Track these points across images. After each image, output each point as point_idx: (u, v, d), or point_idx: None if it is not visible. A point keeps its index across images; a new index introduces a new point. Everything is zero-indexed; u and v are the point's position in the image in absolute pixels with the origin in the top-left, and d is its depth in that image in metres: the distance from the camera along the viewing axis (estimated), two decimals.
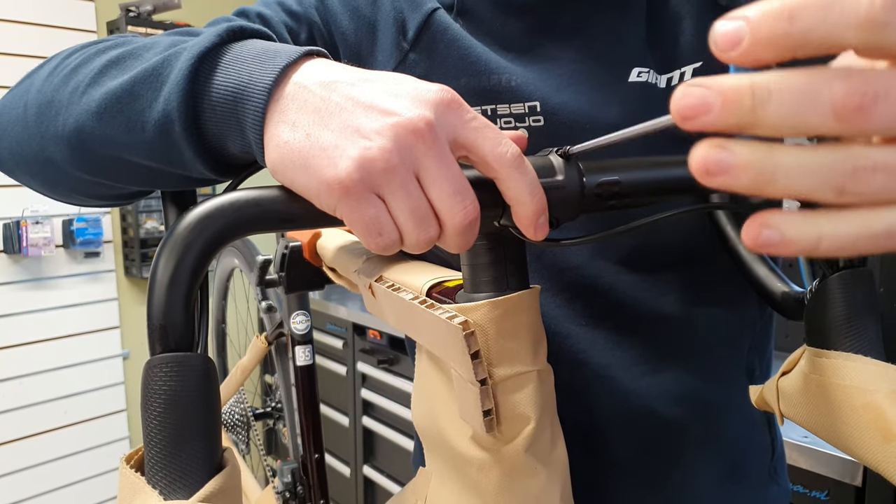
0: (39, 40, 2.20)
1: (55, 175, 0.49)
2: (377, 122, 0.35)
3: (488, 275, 0.43)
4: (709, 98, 0.21)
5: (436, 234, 0.36)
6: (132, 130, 0.41)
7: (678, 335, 0.59)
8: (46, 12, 2.24)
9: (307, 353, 1.04)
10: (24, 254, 2.20)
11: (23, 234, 2.19)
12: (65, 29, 2.28)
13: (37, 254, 2.22)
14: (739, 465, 0.62)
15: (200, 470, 0.34)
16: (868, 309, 0.40)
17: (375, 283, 0.55)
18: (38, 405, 2.30)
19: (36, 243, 2.21)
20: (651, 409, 0.58)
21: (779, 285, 0.49)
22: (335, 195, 0.34)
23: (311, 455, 1.06)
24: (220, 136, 0.40)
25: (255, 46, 0.40)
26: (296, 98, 0.37)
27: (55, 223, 2.29)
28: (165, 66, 0.40)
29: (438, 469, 0.51)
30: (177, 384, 0.34)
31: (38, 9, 2.22)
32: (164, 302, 0.34)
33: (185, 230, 0.35)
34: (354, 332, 2.22)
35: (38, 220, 2.22)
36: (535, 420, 0.42)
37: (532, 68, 0.57)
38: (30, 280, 2.26)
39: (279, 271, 0.84)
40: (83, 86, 0.44)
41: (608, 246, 0.58)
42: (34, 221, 2.21)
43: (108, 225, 2.42)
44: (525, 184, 0.37)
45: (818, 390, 0.40)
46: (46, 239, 2.23)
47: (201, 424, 0.35)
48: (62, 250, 2.33)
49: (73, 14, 2.31)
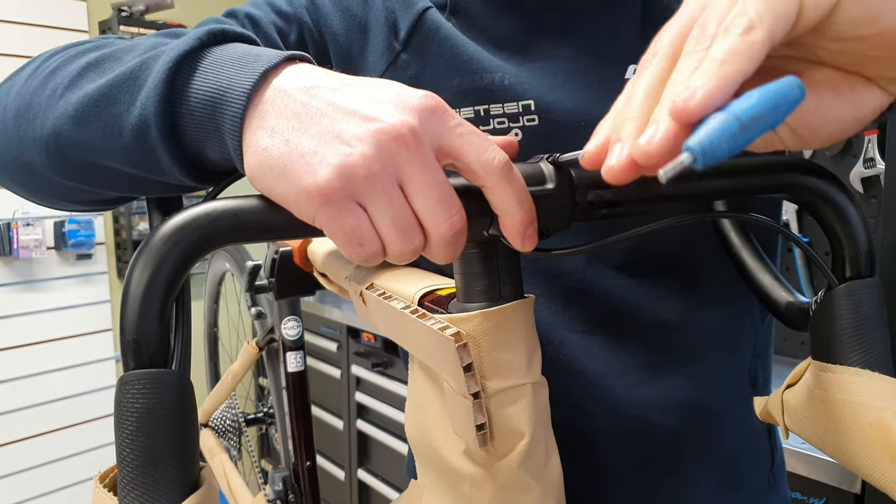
0: (31, 40, 2.19)
1: (35, 180, 0.48)
2: (359, 128, 0.33)
3: (481, 284, 0.42)
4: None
5: (420, 244, 0.35)
6: (109, 135, 0.40)
7: (676, 342, 0.58)
8: (38, 12, 2.24)
9: (299, 359, 1.03)
10: (15, 256, 2.19)
11: (13, 235, 2.18)
12: (56, 29, 2.27)
13: (28, 256, 2.21)
14: (738, 475, 0.62)
15: (173, 490, 0.33)
16: (876, 321, 0.38)
17: (366, 290, 0.54)
18: (29, 409, 2.28)
19: (27, 245, 2.20)
20: (647, 418, 0.57)
21: (783, 295, 0.48)
22: (314, 203, 0.33)
23: (303, 462, 1.05)
24: (199, 143, 0.38)
25: (237, 50, 0.38)
26: (276, 103, 0.35)
27: (46, 225, 2.27)
28: (143, 70, 0.39)
29: (431, 483, 0.50)
30: (149, 402, 0.33)
31: (29, 8, 2.21)
32: (137, 316, 0.33)
33: (159, 241, 0.34)
34: (349, 335, 2.21)
35: (29, 221, 2.21)
36: (529, 434, 0.41)
37: (526, 67, 0.57)
38: (21, 282, 2.25)
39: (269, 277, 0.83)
40: (61, 88, 0.43)
41: (604, 252, 0.57)
42: (25, 223, 2.20)
43: (100, 227, 2.41)
44: (513, 192, 0.36)
45: (823, 406, 0.39)
46: (38, 241, 2.22)
47: (175, 443, 0.34)
48: (54, 252, 2.31)
49: (65, 14, 2.30)
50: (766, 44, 0.28)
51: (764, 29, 0.28)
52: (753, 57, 0.28)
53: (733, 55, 0.28)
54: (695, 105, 0.27)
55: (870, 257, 0.39)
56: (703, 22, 0.30)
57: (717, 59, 0.28)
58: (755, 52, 0.28)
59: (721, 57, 0.28)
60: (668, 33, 0.32)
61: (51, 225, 2.29)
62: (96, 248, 2.39)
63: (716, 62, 0.28)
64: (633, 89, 0.32)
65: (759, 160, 0.41)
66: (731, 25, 0.29)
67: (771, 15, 0.28)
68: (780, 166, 0.41)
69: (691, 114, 0.27)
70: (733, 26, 0.28)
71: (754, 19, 0.28)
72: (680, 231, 0.56)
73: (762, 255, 0.52)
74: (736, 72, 0.28)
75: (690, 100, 0.27)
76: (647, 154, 0.29)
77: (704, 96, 0.27)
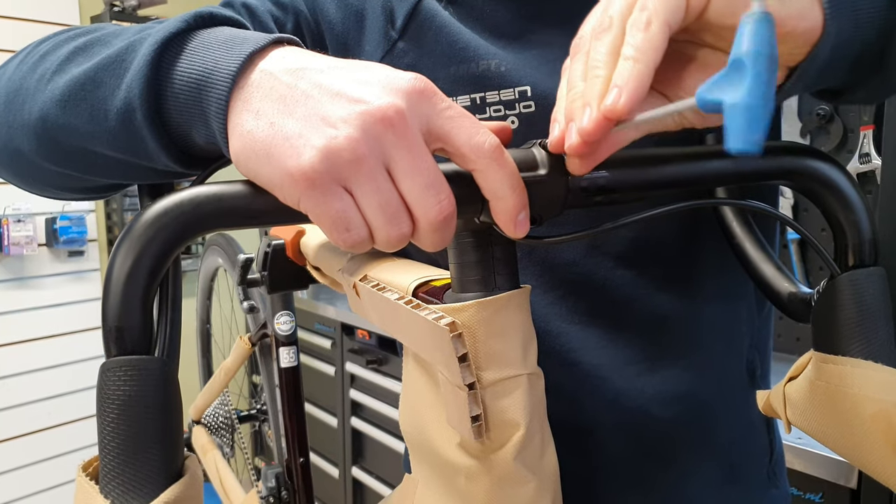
0: (21, 35, 2.18)
1: (25, 167, 0.47)
2: (344, 110, 0.33)
3: (476, 274, 0.41)
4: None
5: (408, 230, 0.35)
6: (95, 119, 0.39)
7: (673, 333, 0.58)
8: (28, 6, 2.22)
9: (292, 354, 1.02)
10: (6, 253, 2.17)
11: (4, 232, 2.16)
12: (47, 24, 2.26)
13: (19, 252, 2.19)
14: (737, 468, 0.61)
15: (156, 479, 0.33)
16: (879, 311, 0.38)
17: (360, 282, 0.53)
18: (21, 406, 2.27)
19: (18, 242, 2.18)
20: (645, 411, 0.57)
21: (786, 285, 0.47)
22: (299, 187, 0.33)
23: (296, 459, 1.04)
24: (184, 126, 0.38)
25: (224, 33, 0.38)
26: (261, 86, 0.35)
27: (38, 221, 2.26)
28: (129, 52, 0.38)
29: (425, 477, 0.49)
30: (132, 389, 0.33)
31: (20, 3, 2.20)
32: (119, 303, 0.33)
33: (141, 227, 0.33)
34: (343, 332, 2.20)
35: (20, 218, 2.19)
36: (524, 426, 0.40)
37: (523, 54, 0.56)
38: (12, 279, 2.23)
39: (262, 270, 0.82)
40: (49, 73, 0.43)
41: (603, 241, 0.56)
42: (16, 220, 2.18)
43: (92, 223, 2.39)
44: (504, 177, 0.35)
45: (825, 398, 0.38)
46: (29, 237, 2.20)
47: (158, 431, 0.33)
48: (45, 249, 2.30)
49: (56, 8, 2.29)
50: (665, 33, 0.34)
51: (660, 20, 0.33)
52: (658, 48, 0.34)
53: (641, 52, 0.33)
54: (622, 106, 0.33)
55: (873, 246, 0.39)
56: (606, 6, 0.36)
57: (629, 56, 0.33)
58: (658, 44, 0.34)
59: (632, 54, 0.33)
60: (590, 21, 0.38)
61: (42, 221, 2.28)
62: (88, 245, 2.38)
63: (630, 60, 0.33)
64: (571, 76, 0.37)
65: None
66: (634, 21, 0.34)
67: (663, 6, 0.34)
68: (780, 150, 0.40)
69: (620, 114, 0.33)
70: (636, 22, 0.34)
71: (651, 14, 0.34)
72: (677, 221, 0.56)
73: (764, 244, 0.51)
74: (648, 66, 0.33)
75: (618, 101, 0.33)
76: (588, 133, 0.34)
77: (628, 98, 0.33)
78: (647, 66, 0.33)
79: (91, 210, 2.38)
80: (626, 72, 0.33)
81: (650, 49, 0.33)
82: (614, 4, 0.36)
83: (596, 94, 0.34)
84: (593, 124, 0.33)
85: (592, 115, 0.33)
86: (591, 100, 0.34)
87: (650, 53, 0.33)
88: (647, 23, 0.33)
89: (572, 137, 0.34)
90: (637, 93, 0.33)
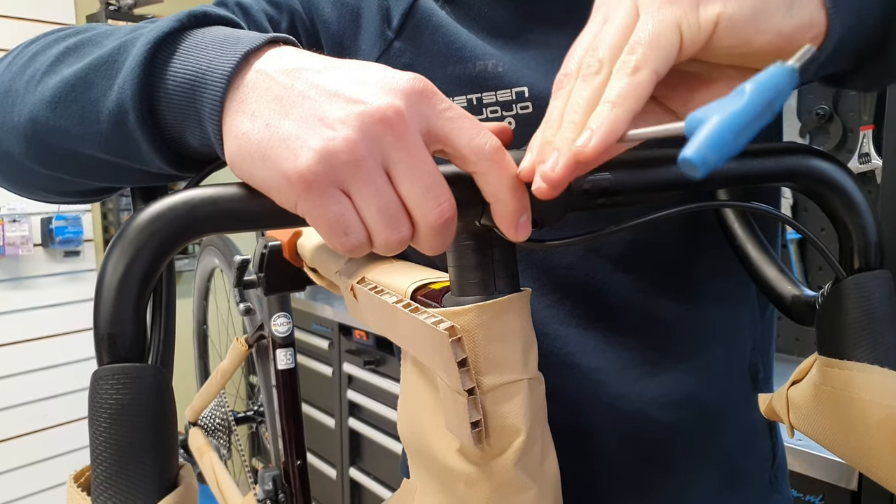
0: (16, 34, 2.16)
1: (16, 170, 0.47)
2: (342, 110, 0.32)
3: (476, 277, 0.40)
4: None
5: (408, 233, 0.34)
6: (86, 121, 0.38)
7: (673, 336, 0.57)
8: (23, 5, 2.21)
9: (289, 356, 1.02)
10: (1, 253, 2.16)
11: None
12: (43, 22, 2.25)
13: (14, 253, 2.18)
14: (738, 473, 0.61)
15: (149, 489, 0.32)
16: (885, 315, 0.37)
17: (357, 284, 0.53)
18: (16, 407, 2.26)
19: (13, 242, 2.17)
20: (645, 415, 0.56)
21: (789, 288, 0.47)
22: (295, 190, 0.32)
23: (293, 461, 1.03)
24: (178, 128, 0.37)
25: (218, 33, 0.37)
26: (257, 86, 0.34)
27: (33, 221, 2.25)
28: (121, 53, 0.38)
29: (424, 482, 0.49)
30: (124, 397, 0.32)
31: (14, 1, 2.19)
32: (111, 309, 0.32)
33: (134, 231, 0.32)
34: (340, 333, 2.20)
35: (15, 218, 2.18)
36: (525, 432, 0.40)
37: (521, 55, 0.56)
38: (7, 280, 2.22)
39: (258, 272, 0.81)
40: (39, 74, 0.42)
41: (602, 243, 0.56)
42: (11, 220, 2.17)
43: (88, 223, 2.38)
44: (505, 179, 0.35)
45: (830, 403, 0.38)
46: (24, 238, 2.19)
47: (151, 440, 0.33)
48: (41, 249, 2.29)
49: (52, 7, 2.28)
50: (651, 81, 0.33)
51: (649, 68, 0.32)
52: (641, 95, 0.32)
53: (623, 98, 0.32)
54: (591, 150, 0.32)
55: (879, 248, 0.38)
56: (595, 45, 0.34)
57: (609, 100, 0.32)
58: (642, 91, 0.32)
59: (613, 98, 0.32)
60: (575, 56, 0.36)
61: (38, 221, 2.27)
62: (84, 245, 2.37)
63: (609, 104, 0.32)
64: (550, 111, 0.36)
65: (763, 146, 0.39)
66: (622, 65, 0.33)
67: (654, 53, 0.32)
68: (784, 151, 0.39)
69: (588, 157, 0.32)
70: (624, 65, 0.33)
71: (640, 60, 0.32)
72: (676, 224, 0.56)
73: (767, 247, 0.51)
74: (626, 112, 0.32)
75: (587, 145, 0.32)
76: (553, 180, 0.33)
77: (598, 142, 0.32)
78: (625, 111, 0.32)
79: (87, 210, 2.37)
80: (601, 116, 0.32)
81: (632, 96, 0.32)
82: (604, 42, 0.34)
83: (567, 140, 0.33)
84: (558, 173, 0.32)
85: (559, 164, 0.32)
86: (562, 146, 0.33)
87: (631, 101, 0.32)
88: (634, 68, 0.32)
89: (539, 181, 0.34)
90: (609, 138, 0.32)
